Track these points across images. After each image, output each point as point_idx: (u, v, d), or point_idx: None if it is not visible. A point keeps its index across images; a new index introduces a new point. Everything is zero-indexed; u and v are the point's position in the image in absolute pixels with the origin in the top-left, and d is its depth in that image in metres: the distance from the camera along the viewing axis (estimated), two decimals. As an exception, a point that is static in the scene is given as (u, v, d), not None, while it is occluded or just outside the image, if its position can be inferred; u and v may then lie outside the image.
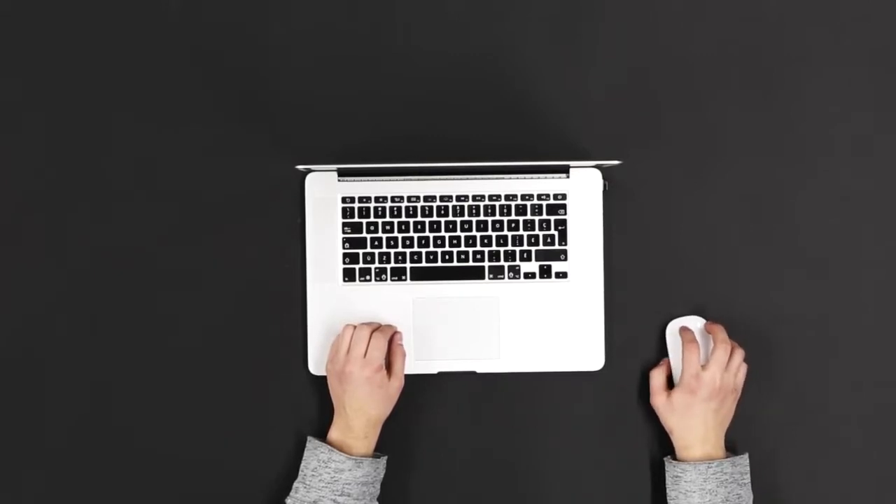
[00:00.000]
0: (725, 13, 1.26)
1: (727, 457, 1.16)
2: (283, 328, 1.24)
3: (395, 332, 1.21)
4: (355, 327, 1.17)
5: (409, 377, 1.21)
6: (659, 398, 1.19)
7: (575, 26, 1.26)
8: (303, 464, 1.16)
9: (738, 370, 1.18)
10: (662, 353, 1.24)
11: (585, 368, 1.23)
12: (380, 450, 1.18)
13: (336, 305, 1.23)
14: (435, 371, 1.23)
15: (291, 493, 1.15)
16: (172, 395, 1.24)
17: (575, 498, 1.23)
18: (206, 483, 1.24)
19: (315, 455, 1.15)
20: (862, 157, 1.26)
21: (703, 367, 1.16)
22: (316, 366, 1.23)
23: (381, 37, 1.26)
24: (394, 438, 1.19)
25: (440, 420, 1.24)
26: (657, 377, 1.20)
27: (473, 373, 1.24)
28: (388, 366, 1.18)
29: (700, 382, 1.15)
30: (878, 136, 1.26)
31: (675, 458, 1.18)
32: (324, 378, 1.22)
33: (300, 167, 1.19)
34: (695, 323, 1.24)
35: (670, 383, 1.21)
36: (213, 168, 1.25)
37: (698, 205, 1.25)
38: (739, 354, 1.18)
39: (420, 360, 1.22)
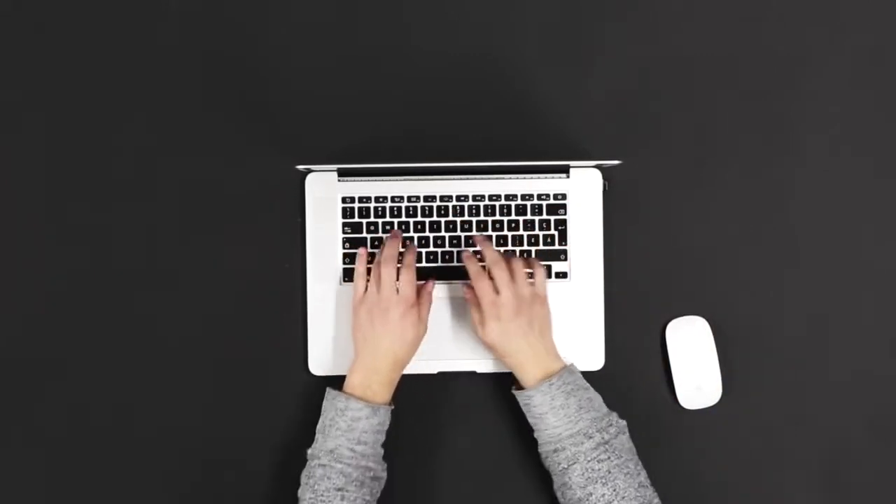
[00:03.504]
0: (725, 13, 1.26)
1: (564, 366, 1.16)
2: (283, 328, 1.24)
3: (430, 281, 1.20)
4: (380, 263, 1.15)
5: (409, 377, 1.21)
6: (478, 333, 1.18)
7: (575, 26, 1.26)
8: (322, 414, 1.16)
9: (536, 276, 1.17)
10: (663, 353, 1.24)
11: (585, 368, 1.23)
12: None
13: (336, 305, 1.23)
14: (435, 371, 1.23)
15: (313, 444, 1.15)
16: (172, 395, 1.24)
17: (575, 498, 1.23)
18: (205, 483, 1.24)
19: (333, 404, 1.14)
20: (862, 157, 1.26)
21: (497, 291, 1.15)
22: (316, 366, 1.23)
23: (381, 37, 1.26)
24: (394, 438, 1.19)
25: (440, 420, 1.24)
26: (476, 315, 1.18)
27: (473, 373, 1.24)
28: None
29: (499, 307, 1.15)
30: (878, 137, 1.26)
31: (518, 387, 1.18)
32: (324, 379, 1.22)
33: (300, 167, 1.19)
34: (694, 323, 1.24)
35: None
36: (213, 168, 1.25)
37: (698, 205, 1.25)
38: (518, 263, 1.17)
39: (420, 360, 1.22)
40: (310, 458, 1.14)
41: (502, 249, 1.23)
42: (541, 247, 1.23)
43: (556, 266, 1.24)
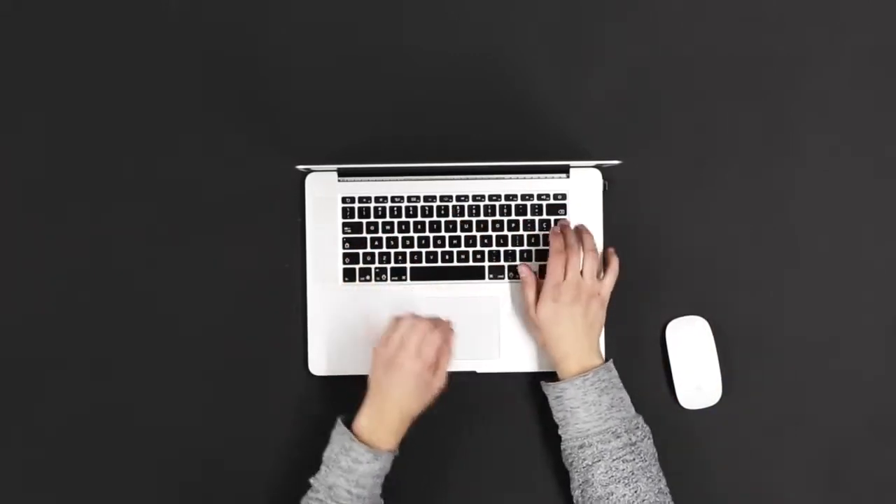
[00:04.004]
0: (725, 13, 1.26)
1: (602, 363, 1.16)
2: (283, 328, 1.24)
3: (450, 333, 1.19)
4: (414, 318, 1.15)
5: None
6: (531, 312, 1.18)
7: (575, 26, 1.26)
8: (329, 445, 1.15)
9: (606, 276, 1.18)
10: (663, 353, 1.24)
11: (585, 368, 1.23)
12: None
13: (336, 305, 1.23)
14: (435, 371, 1.23)
15: (318, 473, 1.14)
16: (172, 395, 1.24)
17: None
18: (206, 482, 1.24)
19: (340, 441, 1.13)
20: (862, 156, 1.26)
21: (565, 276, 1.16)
22: (316, 366, 1.23)
23: (381, 37, 1.26)
24: (394, 438, 1.19)
25: (440, 420, 1.24)
26: (529, 293, 1.19)
27: (473, 373, 1.24)
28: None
29: (560, 290, 1.15)
30: (878, 137, 1.26)
31: (552, 380, 1.18)
32: (324, 379, 1.22)
33: (300, 167, 1.19)
34: (694, 323, 1.24)
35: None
36: (213, 168, 1.25)
37: (698, 205, 1.25)
38: (591, 257, 1.17)
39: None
40: (312, 488, 1.13)
41: (502, 250, 1.23)
42: (541, 247, 1.23)
43: (556, 266, 1.24)
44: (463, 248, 1.24)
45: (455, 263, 1.24)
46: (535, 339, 1.22)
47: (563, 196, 1.24)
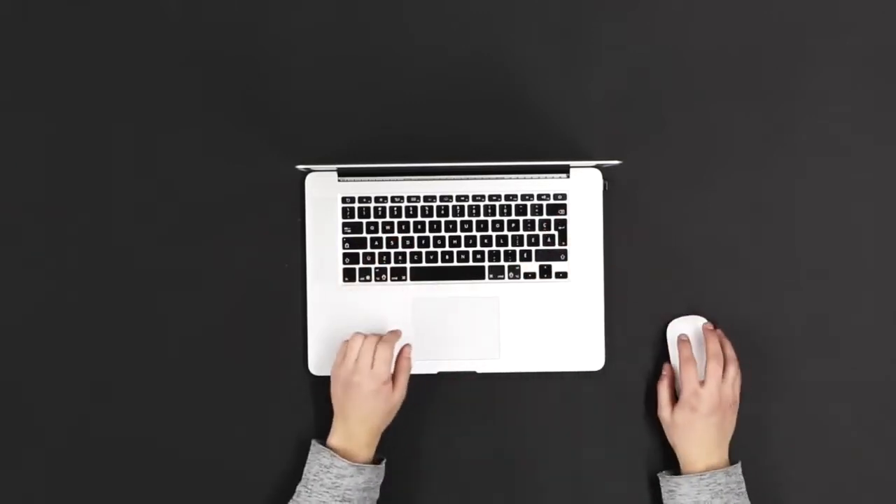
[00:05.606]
0: (725, 13, 1.26)
1: (727, 465, 1.16)
2: (283, 328, 1.24)
3: (406, 346, 1.19)
4: (365, 337, 1.15)
5: (409, 377, 1.21)
6: (664, 412, 1.18)
7: (575, 26, 1.26)
8: (306, 467, 1.15)
9: (735, 381, 1.18)
10: (663, 353, 1.24)
11: (585, 368, 1.23)
12: (379, 450, 1.18)
13: (336, 305, 1.23)
14: (435, 371, 1.23)
15: (294, 497, 1.14)
16: (172, 396, 1.24)
17: (574, 498, 1.23)
18: (205, 483, 1.24)
19: (317, 459, 1.14)
20: (862, 157, 1.25)
21: (701, 382, 1.16)
22: (316, 366, 1.23)
23: (381, 37, 1.26)
24: (394, 439, 1.19)
25: (440, 420, 1.24)
26: (663, 391, 1.19)
27: (473, 373, 1.24)
28: (393, 376, 1.16)
29: (699, 399, 1.15)
30: (879, 137, 1.26)
31: (672, 473, 1.18)
32: (324, 378, 1.22)
33: (300, 167, 1.19)
34: (695, 323, 1.24)
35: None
36: (213, 168, 1.25)
37: (698, 205, 1.25)
38: (733, 365, 1.17)
39: (420, 360, 1.22)
40: None
41: (502, 250, 1.23)
42: (541, 247, 1.23)
43: (556, 266, 1.24)
44: (463, 248, 1.24)
45: (455, 263, 1.24)
46: (664, 432, 1.20)
47: (563, 196, 1.24)
